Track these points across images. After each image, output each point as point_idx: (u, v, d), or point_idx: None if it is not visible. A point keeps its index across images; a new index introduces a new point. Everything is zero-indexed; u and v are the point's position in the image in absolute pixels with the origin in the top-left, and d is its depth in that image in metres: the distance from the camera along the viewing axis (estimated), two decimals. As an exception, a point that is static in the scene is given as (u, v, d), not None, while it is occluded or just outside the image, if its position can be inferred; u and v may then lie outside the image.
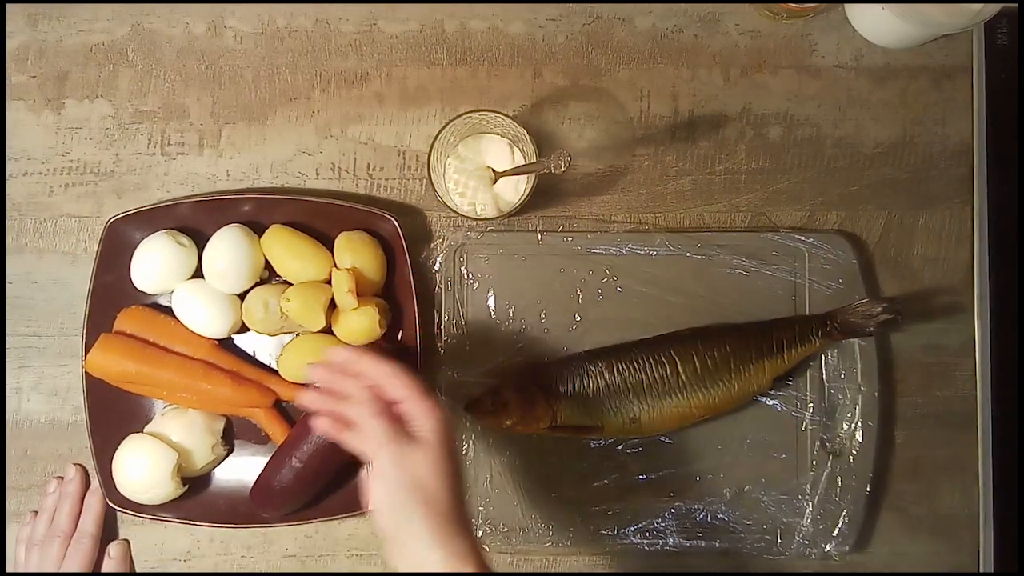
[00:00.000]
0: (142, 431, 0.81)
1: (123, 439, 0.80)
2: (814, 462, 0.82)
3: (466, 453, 0.82)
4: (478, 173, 0.81)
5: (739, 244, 0.83)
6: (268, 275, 0.83)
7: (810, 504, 0.82)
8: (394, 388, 0.66)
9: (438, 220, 0.85)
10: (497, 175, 0.81)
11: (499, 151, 0.81)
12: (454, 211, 0.79)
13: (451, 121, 0.77)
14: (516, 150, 0.81)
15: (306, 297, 0.79)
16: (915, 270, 0.86)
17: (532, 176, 0.78)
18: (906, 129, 0.86)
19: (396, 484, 0.62)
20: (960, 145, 0.86)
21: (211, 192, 0.85)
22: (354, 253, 0.80)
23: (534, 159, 0.77)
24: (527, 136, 0.76)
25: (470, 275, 0.83)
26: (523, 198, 0.78)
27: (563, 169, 0.72)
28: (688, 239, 0.83)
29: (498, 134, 0.82)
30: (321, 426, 0.67)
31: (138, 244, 0.81)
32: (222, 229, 0.81)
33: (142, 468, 0.78)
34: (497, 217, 0.80)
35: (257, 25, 0.86)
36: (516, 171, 0.79)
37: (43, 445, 0.84)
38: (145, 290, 0.81)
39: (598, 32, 0.86)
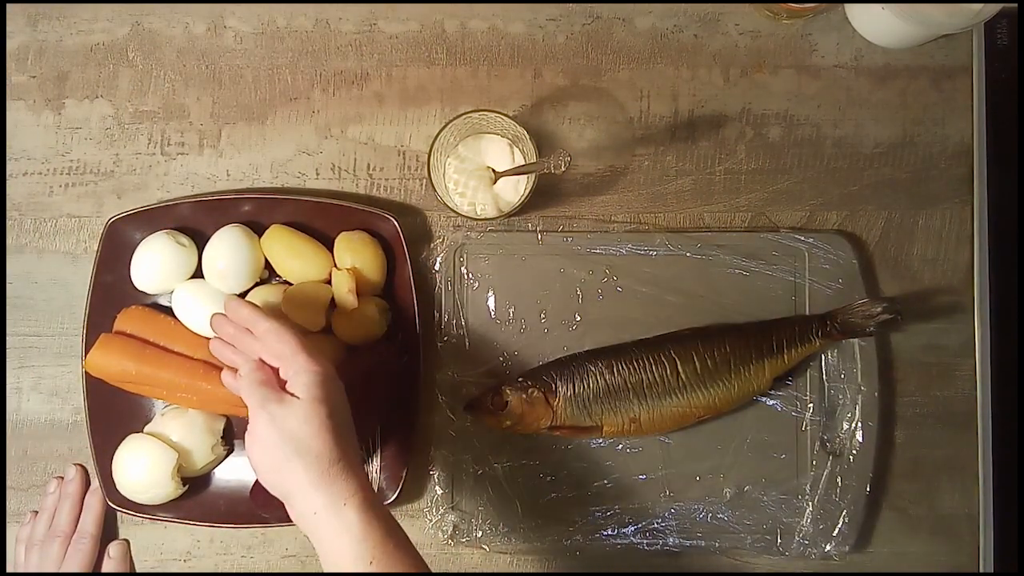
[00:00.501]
0: (142, 431, 0.81)
1: (123, 439, 0.80)
2: (814, 462, 0.82)
3: (466, 453, 0.82)
4: (478, 173, 0.81)
5: (739, 244, 0.83)
6: (268, 275, 0.83)
7: (810, 504, 0.82)
8: (271, 347, 0.68)
9: (438, 220, 0.85)
10: (497, 175, 0.81)
11: (499, 151, 0.81)
12: (454, 211, 0.79)
13: (451, 121, 0.77)
14: (516, 150, 0.81)
15: (306, 297, 0.79)
16: (915, 270, 0.86)
17: (532, 176, 0.78)
18: (906, 129, 0.86)
19: (269, 443, 0.64)
20: (960, 145, 0.86)
21: (211, 192, 0.85)
22: (354, 253, 0.80)
23: (534, 159, 0.77)
24: (527, 136, 0.76)
25: (470, 275, 0.83)
26: (523, 198, 0.78)
27: (563, 169, 0.72)
28: (688, 239, 0.83)
29: (498, 134, 0.82)
30: (224, 379, 0.71)
31: (138, 244, 0.81)
32: (222, 229, 0.81)
33: (142, 468, 0.78)
34: (497, 217, 0.80)
35: (257, 25, 0.86)
36: (516, 171, 0.79)
37: (43, 445, 0.84)
38: (145, 290, 0.81)
39: (598, 32, 0.86)
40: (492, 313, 0.83)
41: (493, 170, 0.81)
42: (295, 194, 0.84)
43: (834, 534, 0.81)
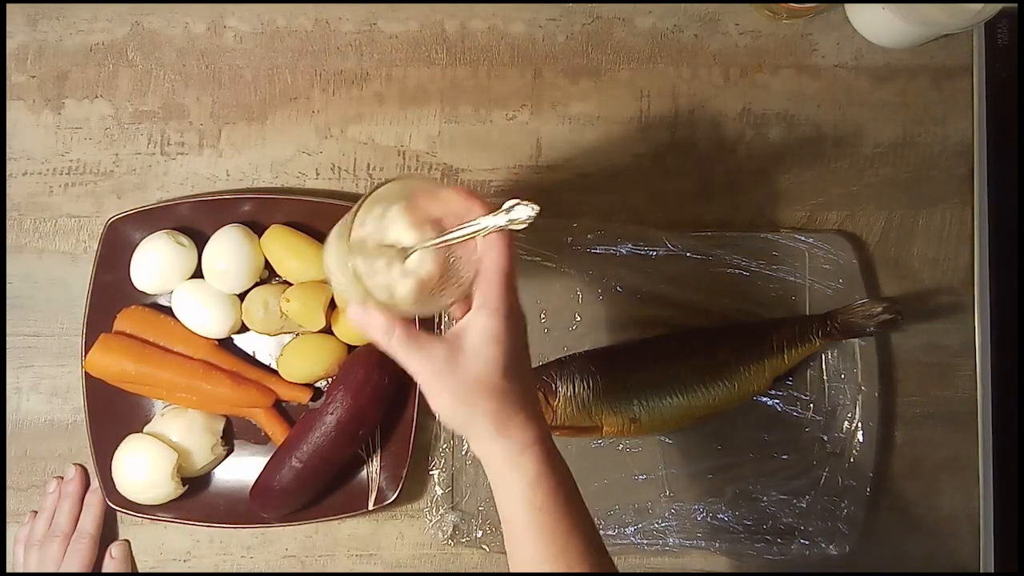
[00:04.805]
0: (142, 431, 0.81)
1: (123, 439, 0.80)
2: (814, 462, 0.82)
3: (466, 454, 0.82)
4: (383, 251, 0.60)
5: (739, 244, 0.83)
6: (268, 275, 0.83)
7: (810, 504, 0.81)
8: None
9: (438, 220, 0.85)
10: (409, 251, 0.59)
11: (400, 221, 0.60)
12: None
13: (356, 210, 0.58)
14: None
15: (306, 297, 0.79)
16: (915, 270, 0.86)
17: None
18: (906, 129, 0.86)
19: (450, 391, 0.59)
20: (960, 145, 0.86)
21: (211, 192, 0.85)
22: (354, 253, 0.80)
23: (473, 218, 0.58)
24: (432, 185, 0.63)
25: (470, 275, 0.83)
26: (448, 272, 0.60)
27: (523, 224, 0.56)
28: (688, 239, 0.83)
29: (391, 202, 0.60)
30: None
31: (138, 244, 0.81)
32: (222, 229, 0.81)
33: (142, 468, 0.78)
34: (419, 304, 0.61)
35: (257, 25, 0.86)
36: (440, 242, 0.59)
37: (43, 445, 0.84)
38: (145, 290, 0.81)
39: (598, 32, 0.86)
40: (492, 313, 0.83)
41: (405, 247, 0.60)
42: (295, 194, 0.84)
43: (834, 534, 0.81)
